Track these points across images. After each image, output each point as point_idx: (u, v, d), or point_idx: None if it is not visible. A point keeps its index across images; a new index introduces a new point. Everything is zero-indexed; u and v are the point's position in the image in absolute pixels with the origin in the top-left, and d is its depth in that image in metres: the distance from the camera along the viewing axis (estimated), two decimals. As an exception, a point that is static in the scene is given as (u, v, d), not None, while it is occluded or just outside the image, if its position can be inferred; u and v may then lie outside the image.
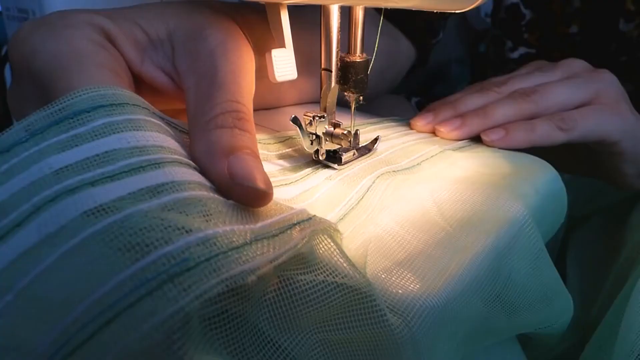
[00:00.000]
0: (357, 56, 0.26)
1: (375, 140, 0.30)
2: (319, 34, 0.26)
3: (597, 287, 0.36)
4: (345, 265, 0.18)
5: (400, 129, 0.35)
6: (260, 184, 0.18)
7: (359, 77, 0.26)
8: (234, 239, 0.16)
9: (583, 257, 0.40)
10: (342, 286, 0.18)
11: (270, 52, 0.26)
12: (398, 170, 0.27)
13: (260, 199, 0.19)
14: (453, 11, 0.22)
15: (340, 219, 0.23)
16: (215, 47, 0.23)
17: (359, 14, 0.25)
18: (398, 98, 0.63)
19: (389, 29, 0.50)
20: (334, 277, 0.18)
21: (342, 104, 0.28)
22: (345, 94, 0.27)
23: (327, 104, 0.27)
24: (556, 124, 0.32)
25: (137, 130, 0.18)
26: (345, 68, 0.26)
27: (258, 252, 0.16)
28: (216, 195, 0.18)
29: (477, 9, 0.49)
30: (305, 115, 0.26)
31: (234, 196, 0.18)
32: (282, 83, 0.27)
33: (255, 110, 0.36)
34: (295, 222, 0.18)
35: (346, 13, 0.26)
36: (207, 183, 0.19)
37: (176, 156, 0.19)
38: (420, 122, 0.35)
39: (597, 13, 0.50)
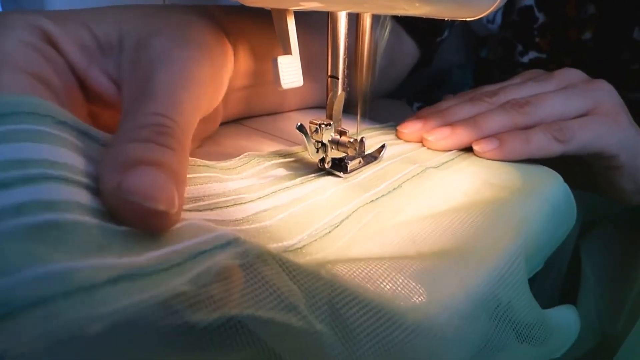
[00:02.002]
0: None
1: (382, 147, 0.30)
2: (320, 36, 0.25)
3: (618, 295, 0.35)
4: (269, 297, 0.15)
5: (395, 136, 0.35)
6: (156, 202, 0.15)
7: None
8: (91, 275, 0.13)
9: (599, 264, 0.39)
10: (267, 322, 0.15)
11: (277, 59, 0.25)
12: (377, 199, 0.25)
13: (154, 220, 0.15)
14: (464, 19, 0.21)
15: (298, 248, 0.20)
16: (156, 56, 0.22)
17: (367, 21, 0.25)
18: (399, 104, 0.63)
19: (391, 26, 0.49)
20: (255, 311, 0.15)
21: (346, 109, 0.28)
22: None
23: (334, 112, 0.26)
24: (553, 135, 0.30)
25: (25, 142, 0.16)
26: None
27: (121, 292, 0.13)
28: (95, 220, 0.15)
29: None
30: (311, 123, 0.26)
31: (126, 217, 0.15)
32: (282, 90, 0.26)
33: (257, 116, 0.36)
34: (203, 250, 0.15)
35: (352, 17, 0.26)
36: (98, 205, 0.16)
37: (65, 173, 0.16)
38: (407, 129, 0.33)
39: (611, 20, 0.50)
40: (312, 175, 0.26)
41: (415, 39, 0.51)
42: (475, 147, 0.31)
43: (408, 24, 0.50)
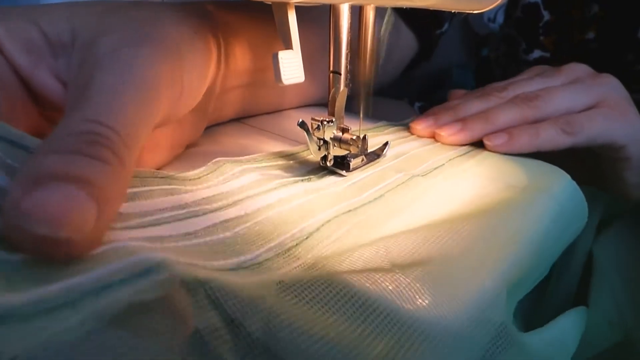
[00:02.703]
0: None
1: (385, 145, 0.29)
2: (318, 31, 0.24)
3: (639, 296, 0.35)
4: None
5: (402, 134, 0.34)
6: (54, 228, 0.12)
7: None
8: None
9: (617, 259, 0.38)
10: None
11: (277, 54, 0.25)
12: (355, 209, 0.22)
13: (53, 249, 0.13)
14: (471, 11, 0.21)
15: (256, 264, 0.17)
16: (102, 55, 0.19)
17: (370, 15, 0.24)
18: (401, 103, 0.62)
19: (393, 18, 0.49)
20: None
21: (348, 108, 0.27)
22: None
23: (336, 109, 0.26)
24: (561, 128, 0.31)
25: None
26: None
27: None
28: None
29: (480, 13, 0.48)
30: (313, 120, 0.25)
31: (20, 244, 0.13)
32: (282, 86, 0.26)
33: (256, 115, 0.36)
34: (112, 281, 0.13)
35: (354, 11, 0.25)
36: None
37: None
38: (420, 125, 0.34)
39: (614, 20, 0.50)
40: (288, 179, 0.24)
41: (414, 31, 0.51)
42: (485, 142, 0.32)
43: (407, 16, 0.50)
